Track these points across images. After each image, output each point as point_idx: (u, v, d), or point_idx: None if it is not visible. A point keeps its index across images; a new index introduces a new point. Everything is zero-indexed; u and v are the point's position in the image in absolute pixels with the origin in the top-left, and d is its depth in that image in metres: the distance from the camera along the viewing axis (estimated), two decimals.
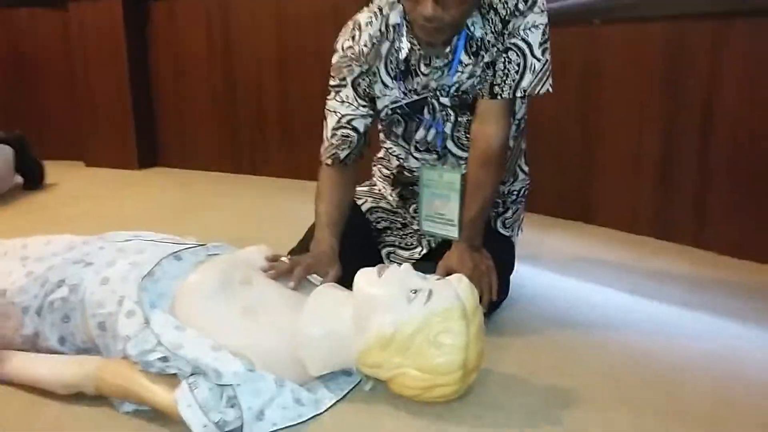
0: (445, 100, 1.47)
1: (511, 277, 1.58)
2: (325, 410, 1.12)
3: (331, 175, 1.55)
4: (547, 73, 1.42)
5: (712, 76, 1.95)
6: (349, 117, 1.51)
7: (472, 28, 1.39)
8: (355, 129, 1.52)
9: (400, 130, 1.56)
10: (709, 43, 1.94)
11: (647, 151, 2.13)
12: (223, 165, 3.34)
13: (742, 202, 1.93)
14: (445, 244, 1.57)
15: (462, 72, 1.43)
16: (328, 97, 1.53)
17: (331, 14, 2.77)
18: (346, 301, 1.16)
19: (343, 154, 1.53)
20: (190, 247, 1.30)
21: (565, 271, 1.85)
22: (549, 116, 2.29)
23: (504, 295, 1.51)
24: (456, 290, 1.13)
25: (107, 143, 3.49)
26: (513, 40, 1.38)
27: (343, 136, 1.52)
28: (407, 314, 1.10)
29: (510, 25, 1.37)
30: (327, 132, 1.54)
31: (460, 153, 1.53)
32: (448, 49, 1.41)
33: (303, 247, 1.52)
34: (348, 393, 1.18)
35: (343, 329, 1.14)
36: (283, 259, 1.36)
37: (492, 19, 1.38)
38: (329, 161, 1.54)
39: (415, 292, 1.12)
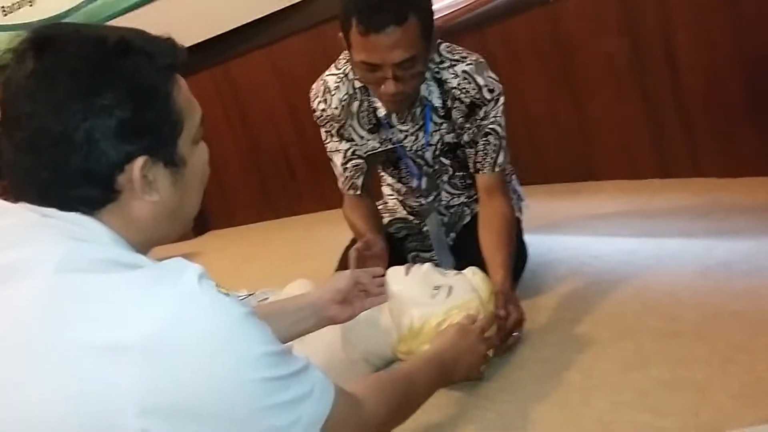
0: (429, 156, 1.68)
1: (529, 247, 1.76)
2: None
3: (357, 203, 1.73)
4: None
5: (666, 18, 2.09)
6: (352, 149, 1.69)
7: (430, 98, 1.60)
8: (361, 157, 1.70)
9: (389, 173, 1.78)
10: None
11: (631, 101, 2.28)
12: (265, 215, 3.61)
13: (724, 126, 2.07)
14: (462, 240, 1.79)
15: (438, 130, 1.64)
16: (326, 143, 1.72)
17: (323, 58, 2.99)
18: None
19: (359, 182, 1.72)
20: (242, 299, 1.54)
21: (577, 231, 2.01)
22: (535, 93, 2.46)
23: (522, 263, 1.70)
24: (472, 283, 1.35)
25: None
26: (490, 125, 1.58)
27: (354, 166, 1.71)
28: (432, 308, 1.31)
29: (482, 111, 1.57)
30: (338, 170, 1.73)
31: (452, 192, 1.77)
32: (416, 113, 1.62)
33: (343, 267, 1.69)
34: None
35: (383, 321, 1.35)
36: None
37: (458, 107, 1.58)
38: (351, 191, 1.73)
39: (437, 288, 1.34)
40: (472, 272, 1.39)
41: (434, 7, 1.48)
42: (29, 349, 0.64)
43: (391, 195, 1.92)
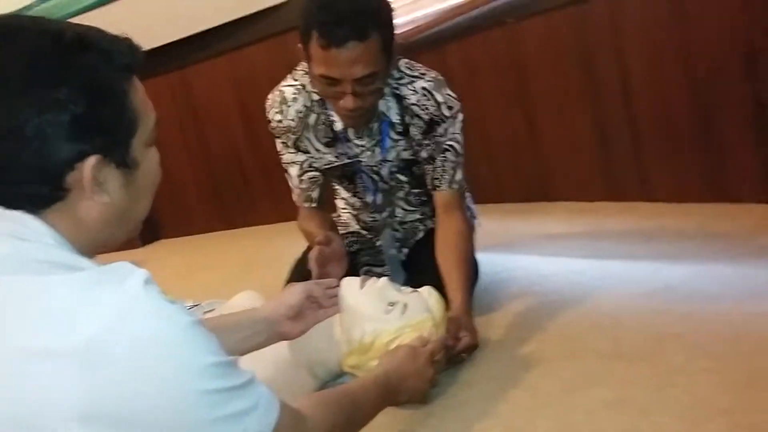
0: (385, 172, 1.68)
1: (481, 265, 1.77)
2: None
3: (312, 215, 1.71)
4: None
5: (619, 45, 2.16)
6: (308, 162, 1.68)
7: (389, 114, 1.60)
8: (318, 169, 1.69)
9: (344, 187, 1.77)
10: (607, 17, 2.15)
11: (584, 124, 2.33)
12: (217, 225, 3.55)
13: (673, 151, 2.13)
14: (415, 256, 1.79)
15: (395, 147, 1.64)
16: (281, 154, 1.70)
17: (281, 60, 2.97)
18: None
19: (315, 195, 1.70)
20: (188, 309, 1.51)
21: (528, 250, 2.04)
22: (494, 111, 2.50)
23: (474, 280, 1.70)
24: (427, 303, 1.34)
25: None
26: (449, 142, 1.60)
27: (309, 179, 1.69)
28: (385, 325, 1.30)
29: (441, 128, 1.58)
30: (294, 182, 1.71)
31: (407, 208, 1.78)
32: (374, 129, 1.61)
33: (295, 279, 1.66)
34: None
35: (333, 332, 1.33)
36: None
37: (416, 123, 1.59)
38: (306, 204, 1.72)
39: (392, 305, 1.33)
40: (428, 292, 1.38)
41: (395, 23, 1.48)
42: None
43: (345, 209, 1.91)
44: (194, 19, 3.06)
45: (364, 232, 1.89)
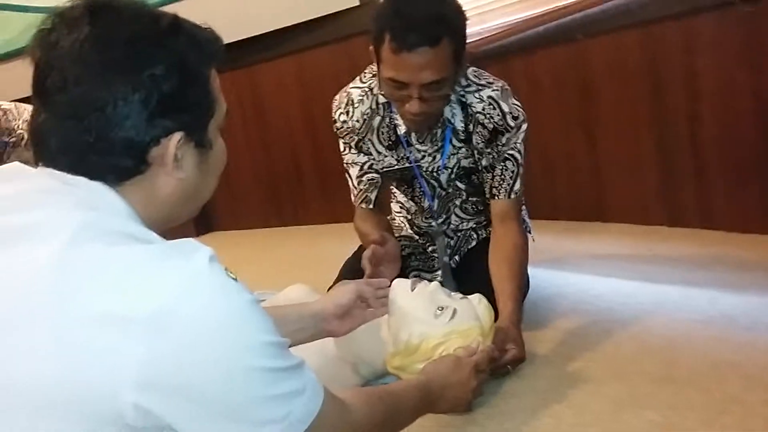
0: (444, 179, 1.68)
1: (531, 280, 1.74)
2: None
3: (368, 216, 1.73)
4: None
5: (689, 68, 2.11)
6: (369, 163, 1.70)
7: (453, 120, 1.60)
8: (377, 171, 1.70)
9: (402, 190, 1.78)
10: (680, 39, 2.11)
11: (647, 147, 2.29)
12: (270, 221, 3.61)
13: (738, 180, 2.07)
14: (466, 264, 1.79)
15: (456, 154, 1.64)
16: (344, 154, 1.72)
17: (346, 64, 3.02)
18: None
19: (373, 196, 1.72)
20: None
21: (580, 269, 2.01)
22: (555, 128, 2.48)
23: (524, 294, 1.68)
24: (476, 311, 1.34)
25: None
26: (510, 151, 1.59)
27: (369, 180, 1.71)
28: (433, 328, 1.30)
29: (504, 138, 1.58)
30: (353, 182, 1.73)
31: (462, 216, 1.77)
32: (437, 135, 1.62)
33: (346, 276, 1.68)
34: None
35: (381, 331, 1.33)
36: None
37: (480, 132, 1.59)
38: (363, 205, 1.73)
39: (441, 309, 1.32)
40: (478, 299, 1.37)
41: (467, 32, 1.48)
42: (34, 312, 0.64)
43: (400, 212, 1.92)
44: (263, 20, 3.13)
45: (416, 237, 1.89)
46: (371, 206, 1.73)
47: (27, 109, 2.64)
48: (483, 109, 1.57)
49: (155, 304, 0.64)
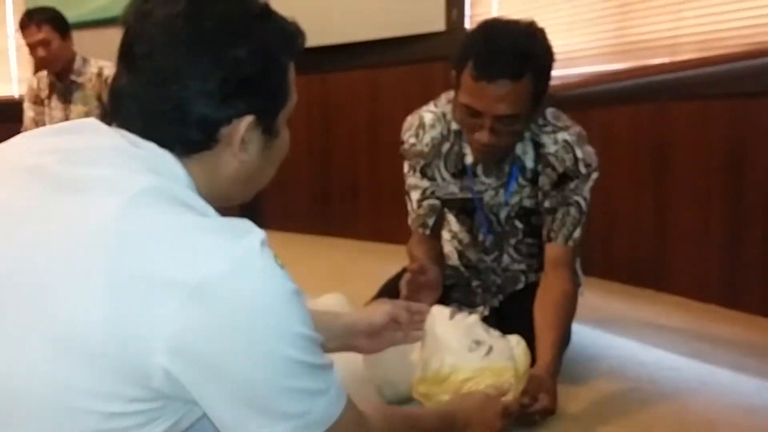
0: (503, 215, 1.65)
1: (573, 335, 1.69)
2: None
3: (422, 241, 1.69)
4: None
5: None
6: (431, 189, 1.67)
7: (523, 158, 1.57)
8: (438, 198, 1.67)
9: (460, 220, 1.74)
10: None
11: (716, 223, 2.21)
12: (317, 228, 3.60)
13: None
14: (509, 305, 1.73)
15: (519, 192, 1.61)
16: (408, 175, 1.69)
17: (419, 87, 3.03)
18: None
19: (431, 222, 1.68)
20: None
21: (627, 334, 1.93)
22: (623, 186, 2.41)
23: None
24: (513, 352, 1.29)
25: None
26: (576, 197, 1.55)
27: (429, 205, 1.68)
28: (466, 362, 1.25)
29: (572, 183, 1.54)
30: (413, 205, 1.70)
31: (515, 256, 1.71)
32: (504, 170, 1.59)
33: (384, 295, 1.64)
34: None
35: (412, 354, 1.29)
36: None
37: (548, 174, 1.55)
38: (420, 229, 1.69)
39: (477, 344, 1.28)
40: (516, 341, 1.32)
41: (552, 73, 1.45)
42: (92, 260, 0.65)
43: (451, 241, 1.88)
44: (345, 29, 3.16)
45: (462, 269, 1.85)
46: (428, 231, 1.70)
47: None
48: (556, 152, 1.53)
49: (204, 273, 0.65)
